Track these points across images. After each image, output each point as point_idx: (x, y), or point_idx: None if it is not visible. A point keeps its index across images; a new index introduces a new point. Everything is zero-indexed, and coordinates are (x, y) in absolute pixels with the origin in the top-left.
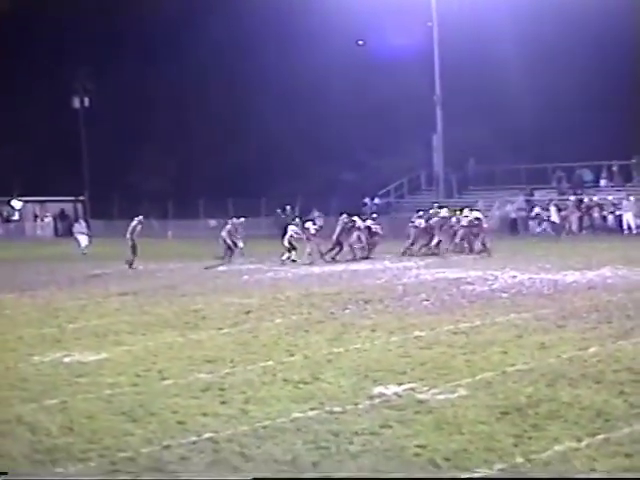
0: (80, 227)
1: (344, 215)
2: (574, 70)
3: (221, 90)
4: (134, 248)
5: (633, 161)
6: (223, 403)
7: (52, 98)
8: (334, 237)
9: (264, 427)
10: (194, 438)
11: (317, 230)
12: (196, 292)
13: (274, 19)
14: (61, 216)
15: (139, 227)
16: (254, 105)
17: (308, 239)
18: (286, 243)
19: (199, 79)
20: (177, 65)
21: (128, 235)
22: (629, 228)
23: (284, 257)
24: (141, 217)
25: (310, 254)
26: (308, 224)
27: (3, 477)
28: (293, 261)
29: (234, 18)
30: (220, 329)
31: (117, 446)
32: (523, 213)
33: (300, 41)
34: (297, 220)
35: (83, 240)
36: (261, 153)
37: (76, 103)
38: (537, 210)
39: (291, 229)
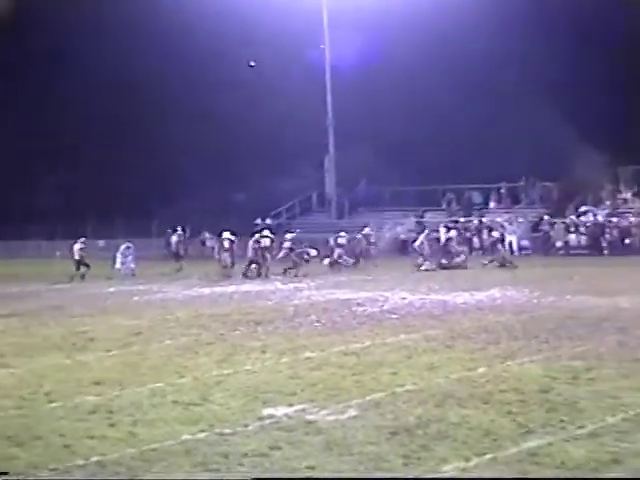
0: None
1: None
2: (463, 92)
3: (111, 109)
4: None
5: (521, 183)
6: (111, 426)
7: None
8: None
9: (152, 450)
10: (81, 462)
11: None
12: (84, 313)
13: (169, 39)
14: None
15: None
16: (145, 125)
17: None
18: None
19: (88, 98)
20: (66, 82)
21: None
22: (512, 251)
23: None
24: (84, 239)
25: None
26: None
27: (3, 477)
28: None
29: (129, 35)
30: (108, 351)
31: (2, 470)
32: (413, 235)
33: (193, 61)
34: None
35: None
36: (152, 173)
37: None
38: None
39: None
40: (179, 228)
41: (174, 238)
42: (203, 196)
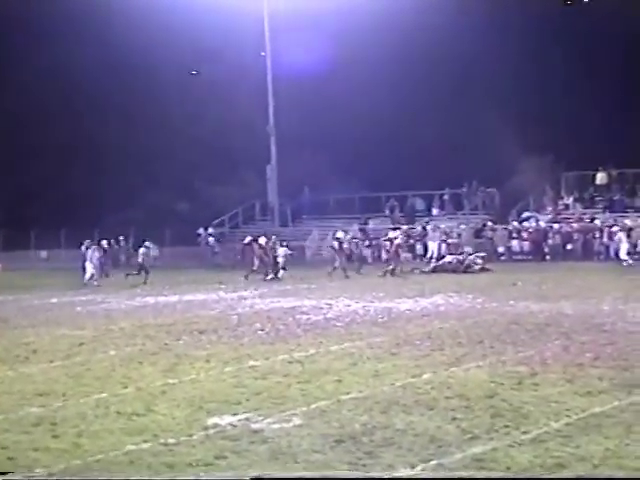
0: None
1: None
2: (405, 100)
3: (53, 118)
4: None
5: (463, 189)
6: (55, 437)
7: None
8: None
9: (97, 461)
10: (25, 474)
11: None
12: (27, 325)
13: (109, 47)
14: None
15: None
16: (87, 134)
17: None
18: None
19: (32, 107)
20: (7, 92)
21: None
22: (430, 257)
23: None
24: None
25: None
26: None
27: (3, 477)
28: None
29: (70, 43)
30: (52, 362)
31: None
32: (357, 242)
33: (135, 69)
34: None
35: None
36: (94, 182)
37: None
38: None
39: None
40: (121, 238)
41: (142, 250)
42: (145, 205)
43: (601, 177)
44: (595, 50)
